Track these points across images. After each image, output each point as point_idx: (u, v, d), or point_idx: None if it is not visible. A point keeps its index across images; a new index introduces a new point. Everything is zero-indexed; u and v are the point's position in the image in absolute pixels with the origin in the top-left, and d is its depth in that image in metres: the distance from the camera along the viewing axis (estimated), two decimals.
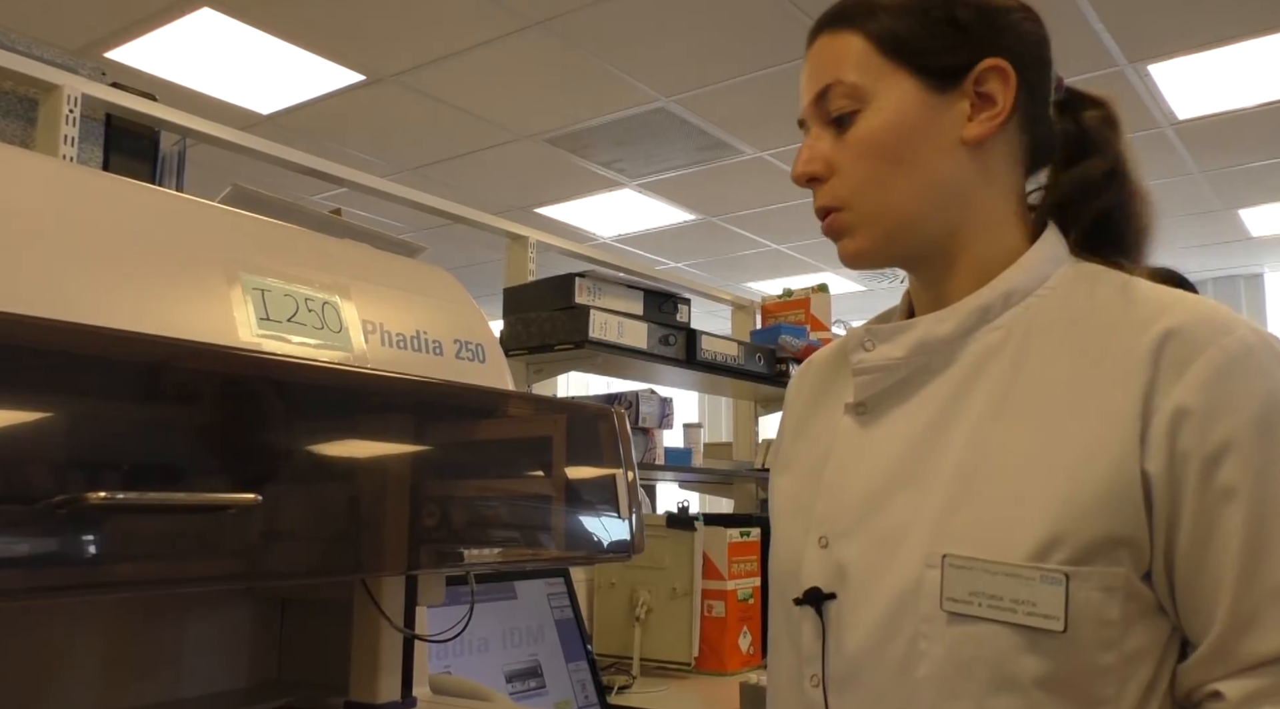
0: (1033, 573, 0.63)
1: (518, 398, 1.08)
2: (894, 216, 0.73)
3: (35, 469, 0.57)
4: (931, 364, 0.74)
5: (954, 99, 0.72)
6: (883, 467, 0.73)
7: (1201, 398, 0.63)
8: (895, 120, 0.72)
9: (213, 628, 1.08)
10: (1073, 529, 0.63)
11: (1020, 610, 0.64)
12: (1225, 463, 0.62)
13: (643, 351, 2.08)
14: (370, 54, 3.57)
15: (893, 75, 0.72)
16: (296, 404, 0.76)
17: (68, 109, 1.43)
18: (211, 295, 0.81)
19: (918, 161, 0.72)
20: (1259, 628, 0.61)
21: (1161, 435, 0.63)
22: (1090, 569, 0.63)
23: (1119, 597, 0.63)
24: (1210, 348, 0.64)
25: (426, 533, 0.81)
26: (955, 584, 0.66)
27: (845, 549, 0.73)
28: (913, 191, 0.72)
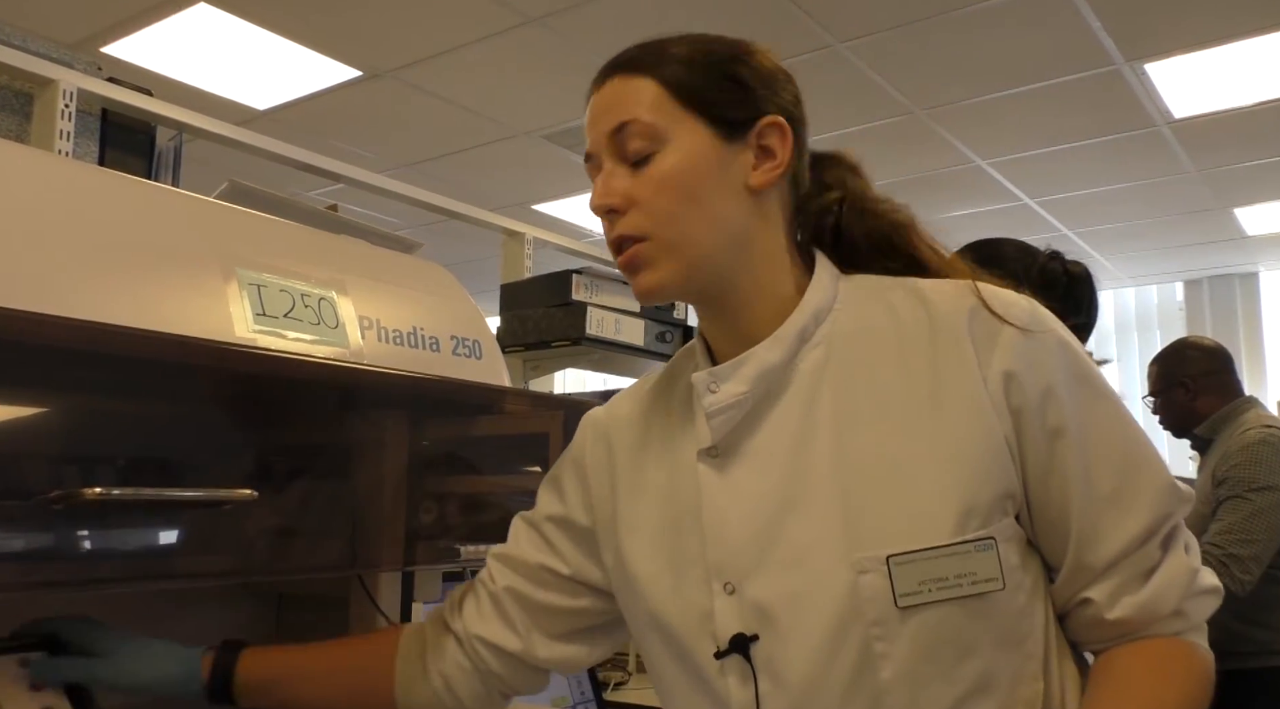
0: (966, 546, 0.70)
1: (514, 394, 1.08)
2: (692, 250, 0.77)
3: (31, 464, 0.57)
4: (770, 392, 0.77)
5: (740, 149, 0.78)
6: (761, 499, 0.75)
7: (1017, 360, 0.72)
8: (691, 161, 0.77)
9: (209, 623, 1.08)
10: (976, 498, 0.71)
11: (965, 583, 0.69)
12: (1049, 408, 0.72)
13: (640, 348, 2.08)
14: (367, 50, 3.56)
15: (686, 120, 0.78)
16: (293, 400, 0.76)
17: (63, 104, 1.43)
18: (208, 291, 0.81)
19: (710, 201, 0.77)
20: (1102, 535, 0.72)
21: (999, 398, 0.72)
22: (996, 525, 0.71)
23: (1015, 543, 0.72)
24: (1006, 317, 0.73)
25: (423, 529, 0.81)
26: (905, 580, 0.69)
27: (756, 588, 0.73)
28: (707, 228, 0.77)
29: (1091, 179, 4.62)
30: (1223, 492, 2.15)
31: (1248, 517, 2.07)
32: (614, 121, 0.80)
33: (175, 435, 0.67)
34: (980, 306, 0.74)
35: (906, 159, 4.33)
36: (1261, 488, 2.10)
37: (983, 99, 3.78)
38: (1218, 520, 2.11)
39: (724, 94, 0.79)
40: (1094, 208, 5.00)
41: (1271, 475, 2.12)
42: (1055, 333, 0.75)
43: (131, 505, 0.61)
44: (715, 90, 0.79)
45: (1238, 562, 2.03)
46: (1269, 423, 2.23)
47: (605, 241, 0.82)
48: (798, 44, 3.41)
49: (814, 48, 3.42)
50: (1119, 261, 5.89)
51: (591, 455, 0.87)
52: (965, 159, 4.35)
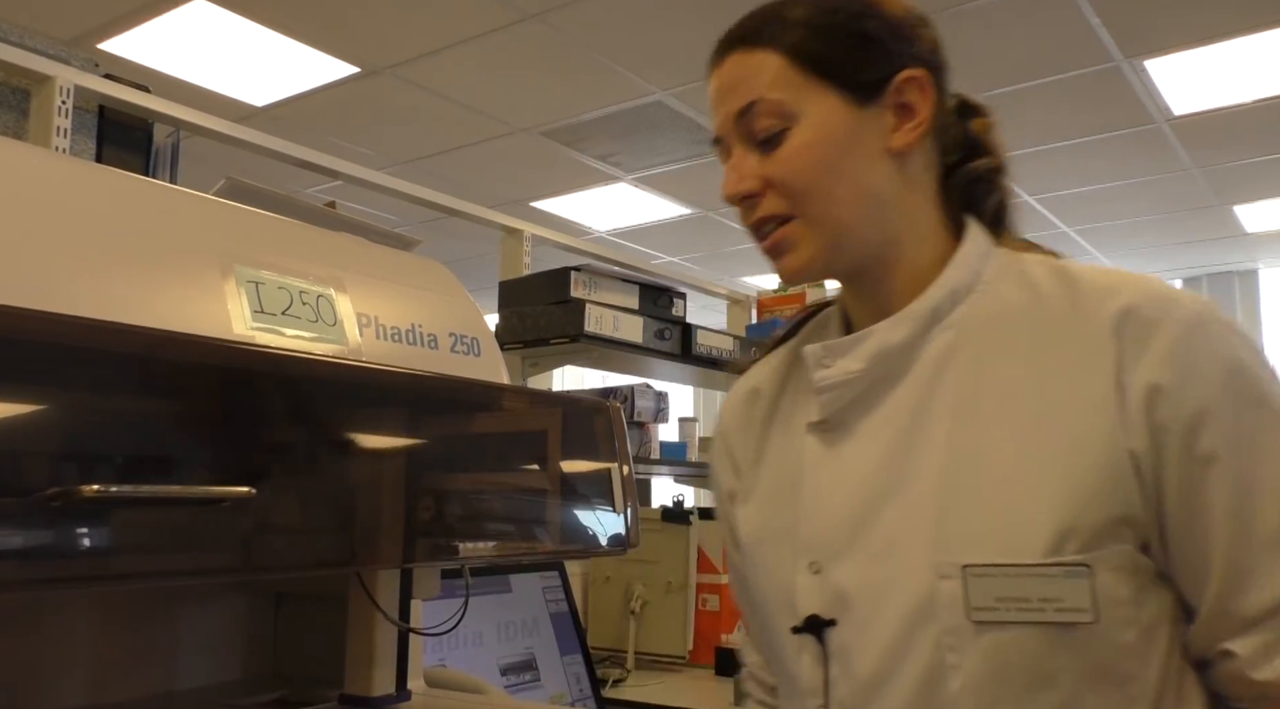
0: (1055, 570, 0.63)
1: (513, 392, 1.08)
2: (836, 226, 0.73)
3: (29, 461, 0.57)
4: (890, 373, 0.74)
5: (877, 111, 0.73)
6: (862, 482, 0.72)
7: (1169, 372, 0.64)
8: (826, 133, 0.72)
9: (208, 621, 1.08)
10: (1081, 518, 0.64)
11: (1049, 609, 0.63)
12: (1202, 431, 0.64)
13: (638, 346, 2.08)
14: (365, 46, 3.56)
15: (815, 91, 0.72)
16: (291, 397, 0.75)
17: (60, 101, 1.42)
18: (206, 288, 0.81)
19: (851, 172, 0.72)
20: (1255, 583, 0.63)
21: (1139, 413, 0.64)
22: (1102, 552, 0.64)
23: (1127, 574, 0.64)
24: (1165, 321, 0.65)
25: (421, 526, 0.81)
26: (980, 593, 0.65)
27: (841, 572, 0.71)
28: (850, 202, 0.73)
29: (1091, 176, 4.62)
30: None
31: None
32: (739, 103, 0.74)
33: (173, 433, 0.66)
34: (1137, 304, 0.66)
35: None
36: None
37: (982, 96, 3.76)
38: None
39: (853, 55, 0.73)
40: (1093, 205, 5.00)
41: None
42: (1225, 342, 0.66)
43: (129, 503, 0.61)
44: (843, 52, 0.73)
45: None
46: None
47: (604, 239, 0.81)
48: None
49: None
50: (1118, 259, 5.89)
51: (738, 423, 0.85)
52: None
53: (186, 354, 0.69)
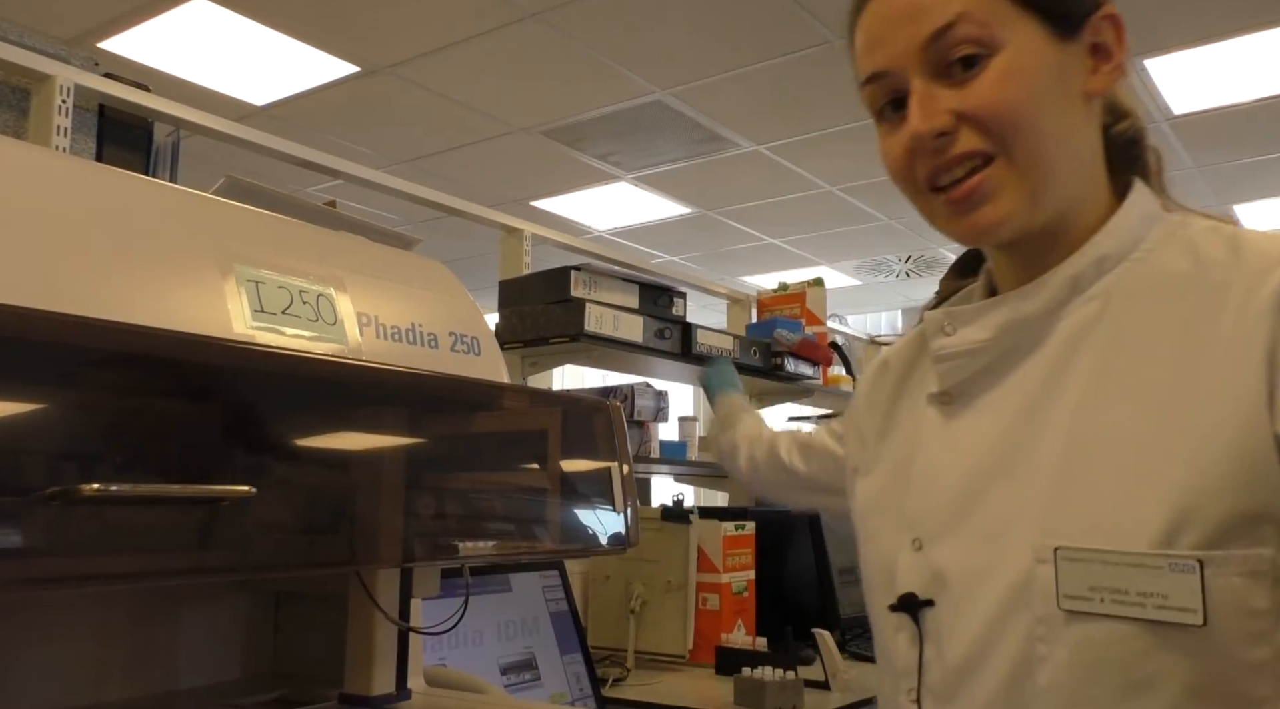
0: (1160, 561, 0.56)
1: (513, 391, 1.08)
2: (1043, 171, 0.65)
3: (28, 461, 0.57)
4: (1020, 344, 0.67)
5: (1076, 49, 0.67)
6: (976, 459, 0.67)
7: None
8: (1034, 67, 0.65)
9: (207, 620, 1.08)
10: (1201, 508, 0.57)
11: (1150, 604, 0.57)
12: None
13: (638, 345, 2.08)
14: (365, 45, 3.55)
15: (1019, 20, 0.65)
16: (291, 397, 0.75)
17: (60, 99, 1.42)
18: (206, 287, 0.81)
19: (1057, 113, 0.66)
20: None
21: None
22: (1228, 552, 0.56)
23: (1267, 582, 0.56)
24: None
25: (421, 526, 0.81)
26: (1072, 579, 0.59)
27: (942, 552, 0.68)
28: (1057, 143, 0.66)
29: None
30: None
31: None
32: (931, 25, 0.64)
33: (172, 432, 0.66)
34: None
35: None
36: None
37: None
38: None
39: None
40: None
41: None
42: None
43: (128, 502, 0.61)
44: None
45: None
46: None
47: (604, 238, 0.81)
48: (796, 40, 3.40)
49: (813, 43, 3.41)
50: None
51: (870, 393, 0.82)
52: None
53: (186, 353, 0.69)
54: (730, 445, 1.45)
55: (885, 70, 0.67)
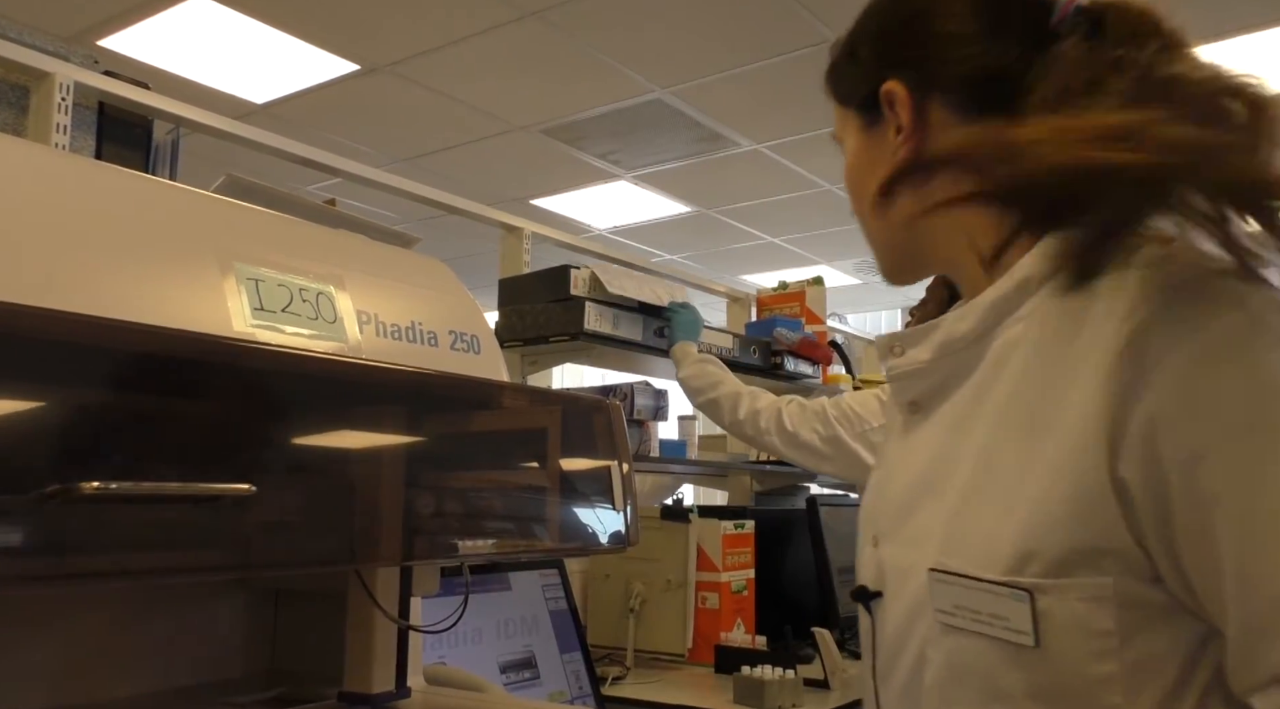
0: (1002, 589, 0.62)
1: (513, 389, 1.08)
2: (876, 239, 0.77)
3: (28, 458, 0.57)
4: (962, 364, 0.71)
5: (882, 126, 0.73)
6: (916, 471, 0.73)
7: (1174, 400, 0.57)
8: (852, 157, 0.77)
9: (207, 618, 1.08)
10: (1044, 542, 0.60)
11: (998, 625, 0.62)
12: (1202, 468, 0.57)
13: (637, 344, 2.08)
14: (365, 44, 3.55)
15: (846, 118, 0.77)
16: (291, 395, 0.75)
17: (60, 97, 1.42)
18: (205, 285, 0.81)
19: (872, 190, 0.74)
20: (1271, 638, 0.56)
21: (1135, 440, 0.58)
22: (1071, 580, 0.60)
23: (1110, 606, 0.59)
24: (1186, 342, 0.57)
25: (421, 524, 0.81)
26: (941, 597, 0.66)
27: (888, 551, 0.75)
28: (874, 217, 0.75)
29: None
30: None
31: None
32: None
33: (172, 430, 0.66)
34: (1158, 319, 0.58)
35: None
36: None
37: None
38: None
39: (847, 76, 0.76)
40: None
41: None
42: (1249, 364, 0.57)
43: (128, 500, 0.61)
44: (841, 76, 0.77)
45: None
46: None
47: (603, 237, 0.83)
48: (796, 39, 3.40)
49: (812, 42, 3.41)
50: None
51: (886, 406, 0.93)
52: None
53: (186, 351, 0.69)
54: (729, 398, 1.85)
55: None
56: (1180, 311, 0.58)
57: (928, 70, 0.71)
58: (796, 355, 2.46)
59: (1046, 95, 0.65)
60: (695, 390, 1.93)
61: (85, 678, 0.96)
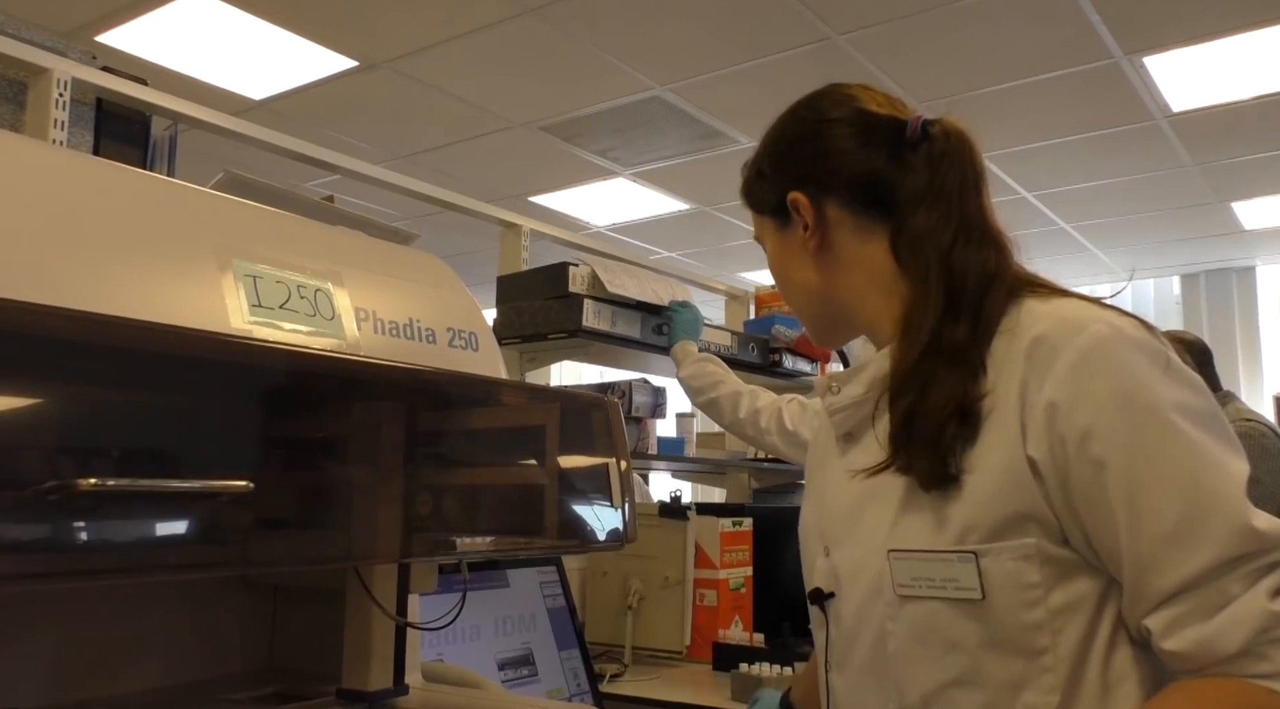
0: (952, 556, 0.78)
1: (511, 387, 1.08)
2: (803, 313, 0.97)
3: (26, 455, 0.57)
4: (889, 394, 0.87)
5: (793, 226, 0.92)
6: (858, 487, 0.86)
7: (1065, 391, 0.75)
8: (772, 254, 0.97)
9: (205, 615, 1.08)
10: (979, 517, 0.77)
11: (950, 587, 0.78)
12: (1092, 442, 0.74)
13: (636, 340, 2.08)
14: (364, 40, 3.55)
15: (761, 223, 0.97)
16: (288, 392, 0.75)
17: (57, 93, 1.42)
18: (203, 281, 0.81)
19: (792, 275, 0.94)
20: (1157, 570, 0.72)
21: (1039, 426, 0.76)
22: (1002, 544, 0.77)
23: (1035, 562, 0.76)
24: (1067, 347, 0.76)
25: (419, 521, 0.81)
26: (901, 573, 0.81)
27: (839, 556, 0.88)
28: (798, 296, 0.95)
29: (1090, 173, 4.61)
30: None
31: None
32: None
33: (170, 427, 0.66)
34: (1047, 332, 0.77)
35: None
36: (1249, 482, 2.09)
37: (981, 92, 3.77)
38: None
39: (759, 191, 0.96)
40: (1092, 201, 5.00)
41: (1255, 468, 2.11)
42: (1121, 361, 0.75)
43: (126, 497, 0.61)
44: (754, 191, 0.97)
45: None
46: (1247, 416, 2.23)
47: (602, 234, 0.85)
48: (796, 36, 3.40)
49: (812, 40, 3.41)
50: (1116, 256, 5.89)
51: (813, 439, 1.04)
52: None
53: (184, 348, 0.69)
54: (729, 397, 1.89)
55: None
56: (1063, 327, 0.77)
57: (821, 180, 0.90)
58: (795, 353, 2.46)
59: (909, 194, 0.86)
60: (695, 390, 1.94)
61: (83, 674, 0.96)
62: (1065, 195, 4.92)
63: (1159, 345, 0.76)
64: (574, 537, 1.01)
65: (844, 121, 0.90)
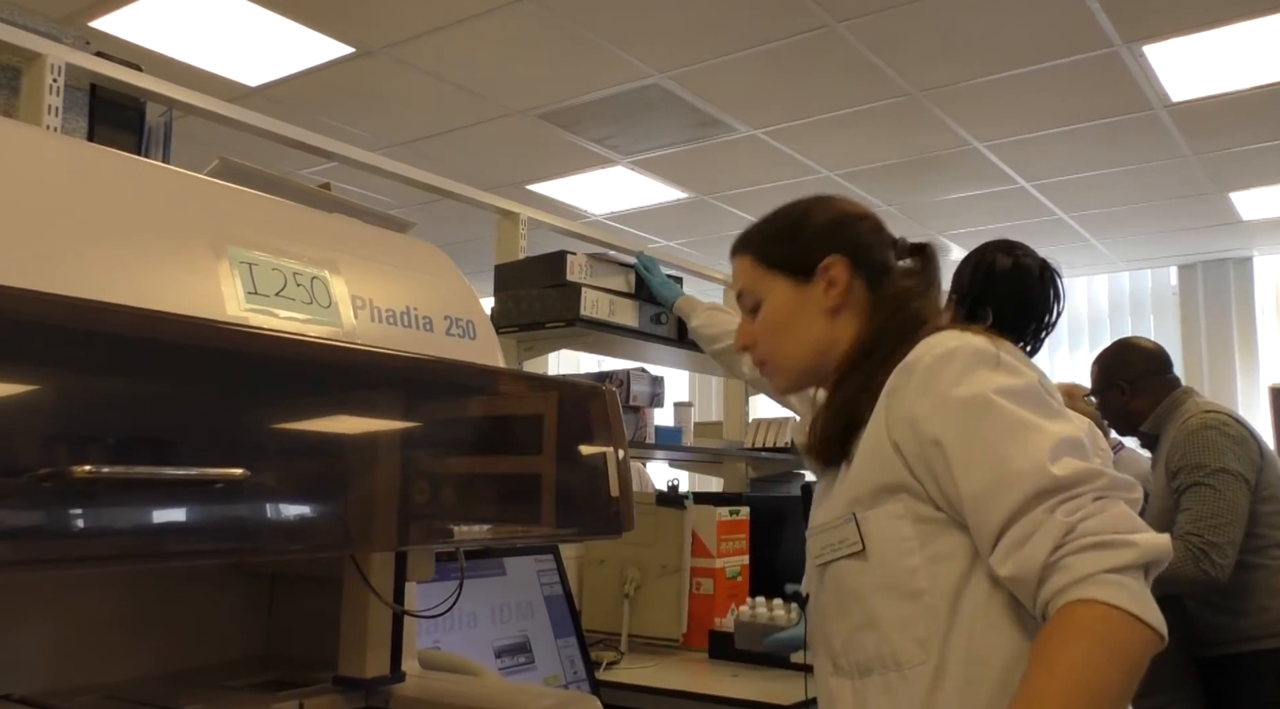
0: (841, 521, 1.01)
1: (508, 375, 1.08)
2: (792, 365, 1.13)
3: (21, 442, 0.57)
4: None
5: (813, 284, 1.11)
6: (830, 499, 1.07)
7: (915, 389, 0.97)
8: (780, 308, 1.12)
9: (201, 602, 1.08)
10: (859, 491, 1.01)
11: (843, 547, 1.01)
12: (927, 427, 0.95)
13: (634, 330, 2.08)
14: (360, 26, 3.53)
15: (772, 279, 1.13)
16: (285, 380, 0.75)
17: (51, 78, 1.41)
18: (199, 269, 0.80)
19: (797, 330, 1.11)
20: (983, 515, 0.92)
21: (897, 416, 0.98)
22: (880, 508, 0.99)
23: (908, 521, 0.97)
24: (921, 360, 0.98)
25: (416, 509, 0.81)
26: (815, 545, 1.05)
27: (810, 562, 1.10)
28: (797, 349, 1.12)
29: (1088, 162, 4.61)
30: (1179, 482, 2.15)
31: (1212, 502, 2.07)
32: (735, 291, 1.18)
33: (166, 414, 0.66)
34: (918, 354, 0.99)
35: (903, 141, 4.31)
36: (1215, 471, 2.10)
37: (980, 81, 3.76)
38: (1184, 510, 2.10)
39: (790, 252, 1.12)
40: (1090, 191, 4.99)
41: (1221, 457, 2.12)
42: (961, 366, 0.96)
43: (122, 484, 0.61)
44: (784, 252, 1.13)
45: (1216, 548, 2.03)
46: (1208, 408, 2.24)
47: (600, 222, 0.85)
48: (795, 24, 3.38)
49: (811, 27, 3.39)
50: (1114, 245, 5.89)
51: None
52: (962, 141, 4.33)
53: (179, 335, 0.69)
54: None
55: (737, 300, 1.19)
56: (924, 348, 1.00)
57: (857, 254, 1.11)
58: None
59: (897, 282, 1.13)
60: (710, 338, 1.90)
61: (80, 662, 0.96)
62: (1063, 185, 4.91)
63: (992, 350, 0.97)
64: (571, 525, 1.01)
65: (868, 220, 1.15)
